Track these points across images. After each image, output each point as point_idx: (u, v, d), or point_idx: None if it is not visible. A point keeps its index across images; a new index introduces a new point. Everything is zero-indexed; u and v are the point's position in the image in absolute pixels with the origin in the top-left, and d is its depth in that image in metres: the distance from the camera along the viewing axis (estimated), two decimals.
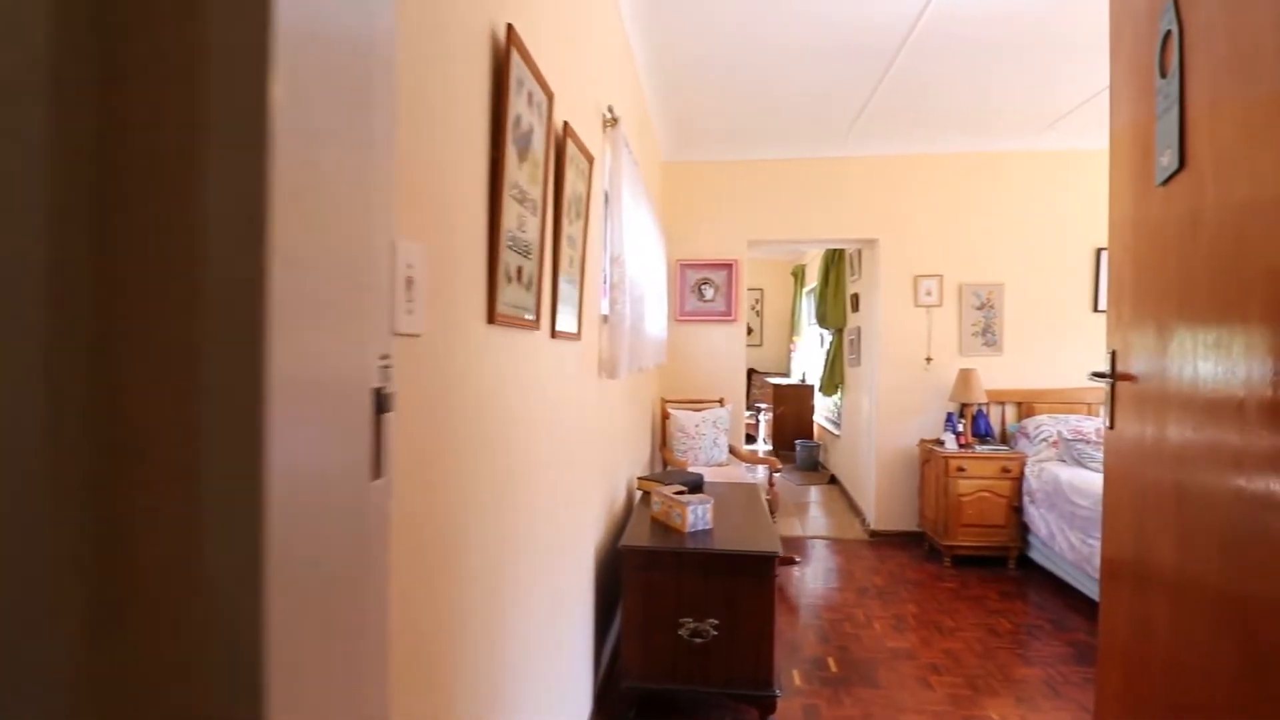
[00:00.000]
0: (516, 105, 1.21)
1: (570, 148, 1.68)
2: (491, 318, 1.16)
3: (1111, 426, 1.27)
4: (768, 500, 3.70)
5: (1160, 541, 1.08)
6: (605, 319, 2.29)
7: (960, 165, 4.38)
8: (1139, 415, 1.17)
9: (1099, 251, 4.28)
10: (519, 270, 1.31)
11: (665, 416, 4.15)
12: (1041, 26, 2.88)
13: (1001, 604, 3.33)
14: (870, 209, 4.45)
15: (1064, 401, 4.29)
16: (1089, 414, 4.24)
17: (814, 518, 5.04)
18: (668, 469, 4.14)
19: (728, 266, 4.49)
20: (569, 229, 1.71)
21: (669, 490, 2.51)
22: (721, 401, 4.34)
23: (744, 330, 4.58)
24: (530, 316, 1.40)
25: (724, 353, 4.57)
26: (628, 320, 2.39)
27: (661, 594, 2.17)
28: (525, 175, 1.30)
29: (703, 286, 4.51)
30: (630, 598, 2.18)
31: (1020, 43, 3.04)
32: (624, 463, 2.92)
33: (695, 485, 3.05)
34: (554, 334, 1.60)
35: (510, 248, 1.24)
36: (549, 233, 1.57)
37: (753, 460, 4.03)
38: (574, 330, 1.82)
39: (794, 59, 3.17)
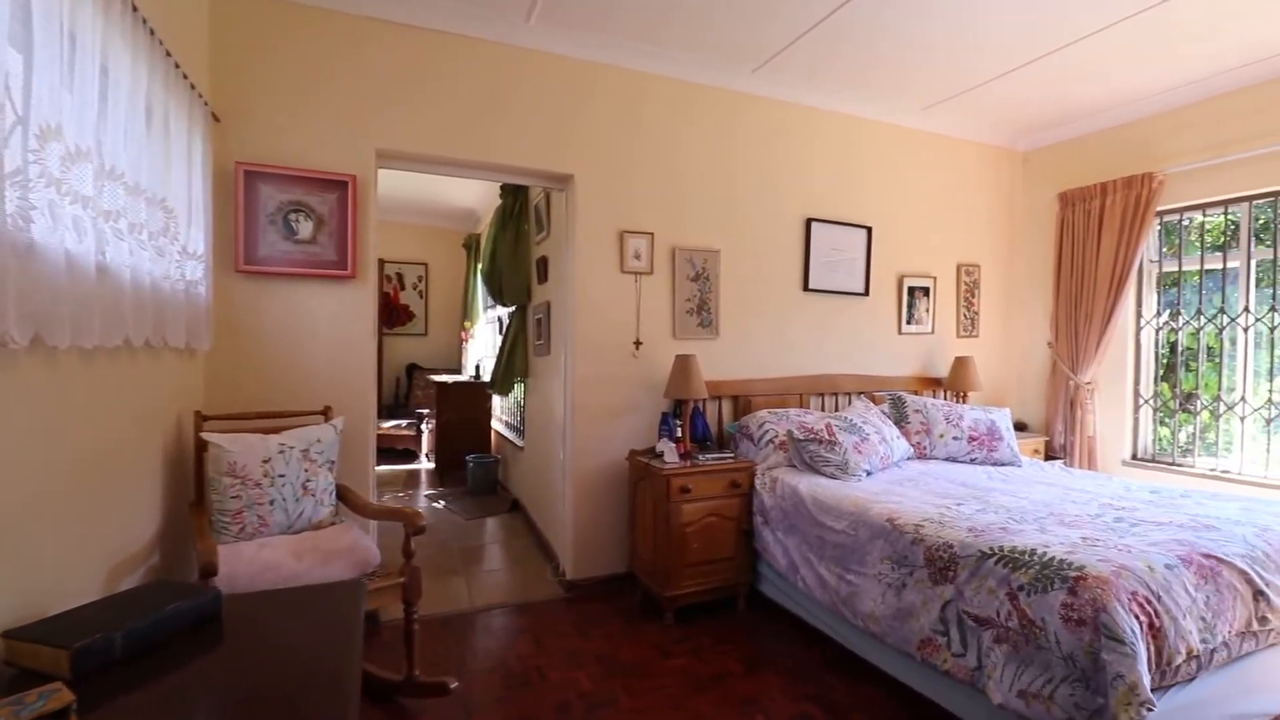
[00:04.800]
0: None
1: None
2: None
3: None
4: (401, 584, 2.07)
5: None
6: None
7: (671, 94, 3.39)
8: None
9: (809, 222, 3.76)
10: None
11: (201, 449, 2.17)
12: None
13: (752, 685, 2.33)
14: (565, 131, 3.15)
15: (777, 394, 3.66)
16: (800, 405, 3.69)
17: (489, 571, 3.55)
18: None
19: (340, 186, 2.67)
20: None
21: None
22: (326, 413, 2.52)
23: (372, 294, 2.81)
24: None
25: (334, 331, 2.73)
26: None
27: None
28: None
29: (293, 217, 2.61)
30: None
31: None
32: None
33: (198, 619, 1.24)
34: None
35: None
36: None
37: (381, 515, 2.33)
38: None
39: None
